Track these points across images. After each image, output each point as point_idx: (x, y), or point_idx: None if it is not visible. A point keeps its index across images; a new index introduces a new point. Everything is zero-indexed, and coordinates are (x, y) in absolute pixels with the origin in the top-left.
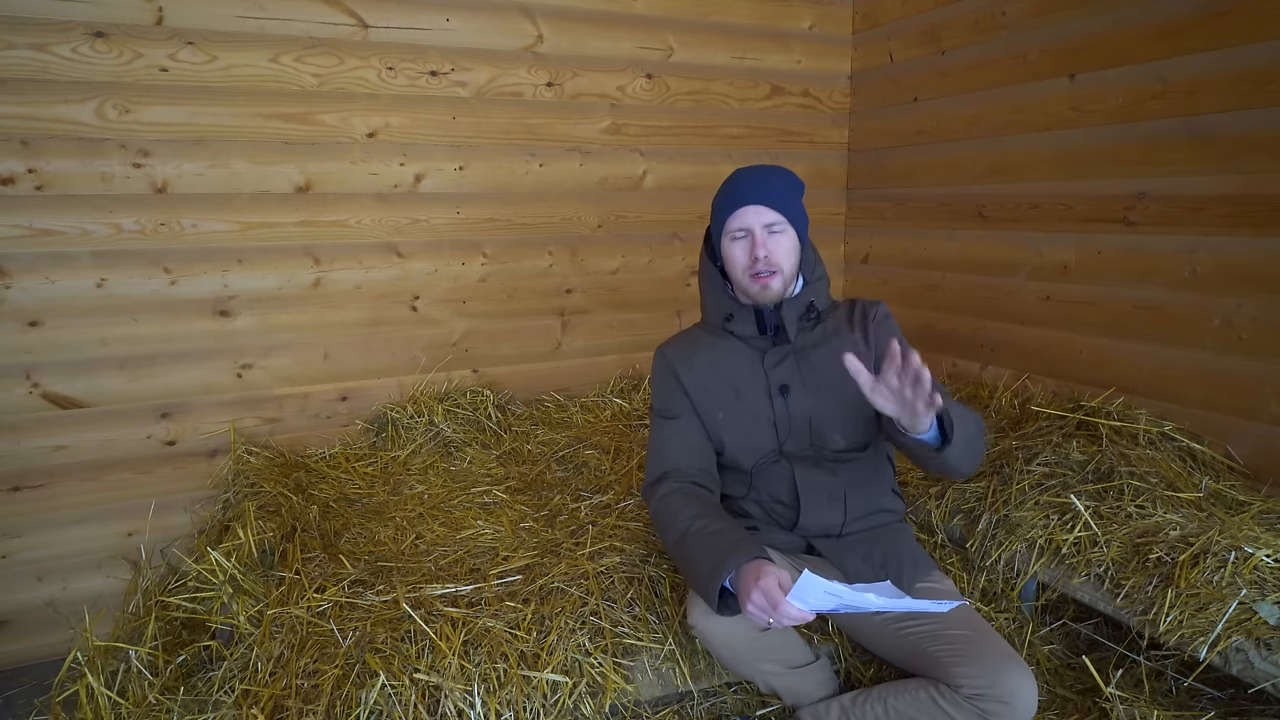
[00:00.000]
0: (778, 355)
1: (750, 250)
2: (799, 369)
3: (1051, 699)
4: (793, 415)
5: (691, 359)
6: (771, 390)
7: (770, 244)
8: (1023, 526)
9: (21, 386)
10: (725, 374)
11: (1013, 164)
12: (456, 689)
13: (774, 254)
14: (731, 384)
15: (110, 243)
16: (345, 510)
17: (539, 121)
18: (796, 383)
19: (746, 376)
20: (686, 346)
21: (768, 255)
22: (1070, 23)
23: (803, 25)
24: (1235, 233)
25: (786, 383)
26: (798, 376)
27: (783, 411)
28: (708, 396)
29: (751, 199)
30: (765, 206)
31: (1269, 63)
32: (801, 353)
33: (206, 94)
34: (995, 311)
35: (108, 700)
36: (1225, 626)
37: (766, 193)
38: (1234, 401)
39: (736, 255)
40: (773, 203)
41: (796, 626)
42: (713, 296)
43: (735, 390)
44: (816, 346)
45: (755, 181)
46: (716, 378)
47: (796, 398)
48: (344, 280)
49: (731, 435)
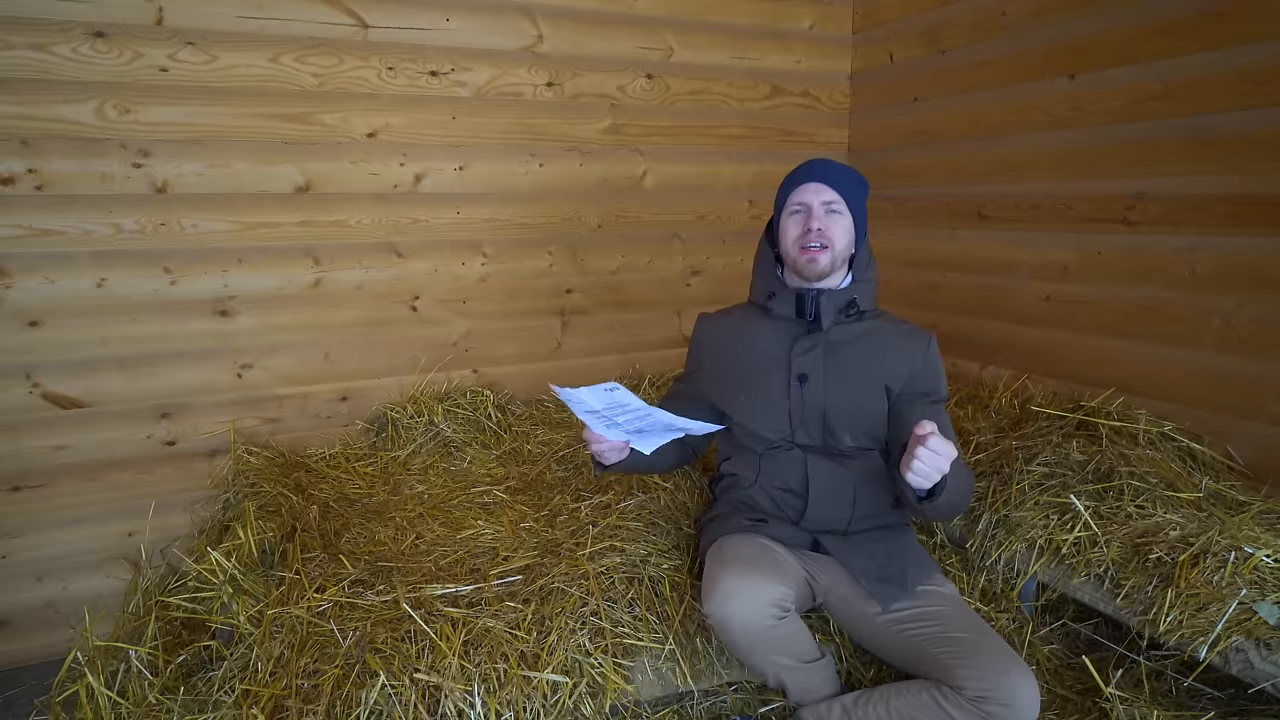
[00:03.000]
0: (808, 343)
1: (804, 223)
2: (824, 360)
3: (1051, 699)
4: (807, 405)
5: (724, 337)
6: (791, 377)
7: (825, 219)
8: (1023, 526)
9: (21, 386)
10: (752, 357)
11: (1013, 164)
12: (456, 689)
13: (827, 229)
14: (756, 367)
15: (110, 243)
16: (345, 510)
17: (539, 121)
18: (818, 373)
19: (772, 361)
20: (725, 325)
21: (821, 229)
22: (1070, 23)
23: (803, 25)
24: (1235, 233)
25: (806, 372)
26: (821, 367)
27: (798, 400)
28: (729, 376)
29: (815, 177)
30: (826, 185)
31: (1269, 63)
32: (832, 345)
33: (206, 94)
34: (995, 311)
35: (108, 700)
36: (1225, 626)
37: (830, 174)
38: (1234, 401)
39: (790, 228)
40: (833, 184)
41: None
42: (760, 275)
43: (758, 373)
44: (850, 342)
45: (823, 165)
46: (742, 360)
47: (814, 388)
48: (344, 280)
49: (749, 416)
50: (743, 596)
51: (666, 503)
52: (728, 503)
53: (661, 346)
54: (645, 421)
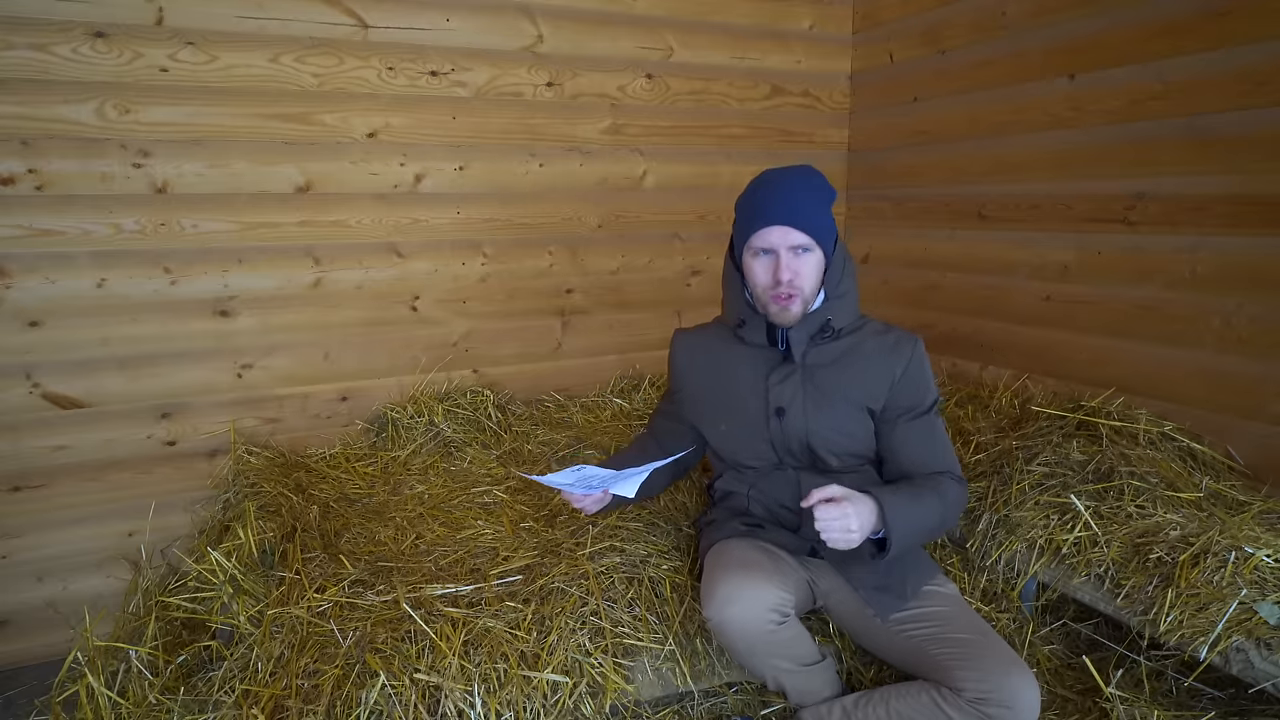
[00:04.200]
0: (783, 373)
1: (774, 271)
2: (802, 388)
3: (1052, 699)
4: (789, 436)
5: (702, 360)
6: (769, 410)
7: (795, 265)
8: (1023, 526)
9: (22, 386)
10: (729, 384)
11: (1013, 164)
12: (457, 689)
13: (798, 277)
14: (734, 395)
15: (110, 243)
16: (345, 510)
17: (539, 121)
18: (796, 404)
19: (749, 390)
20: (701, 346)
21: (792, 279)
22: (1070, 23)
23: (803, 25)
24: (1235, 233)
25: (784, 405)
26: (800, 396)
27: (778, 432)
28: (708, 405)
29: (779, 218)
30: (793, 228)
31: (1269, 63)
32: (810, 370)
33: (206, 94)
34: (995, 311)
35: (108, 700)
36: (1225, 626)
37: (794, 211)
38: (1234, 401)
39: (758, 273)
40: (800, 223)
41: (806, 625)
42: (731, 298)
43: (737, 402)
44: (829, 365)
45: (784, 197)
46: (720, 387)
47: (793, 419)
48: (344, 280)
49: (732, 446)
50: (742, 601)
51: (666, 503)
52: (725, 508)
53: (661, 347)
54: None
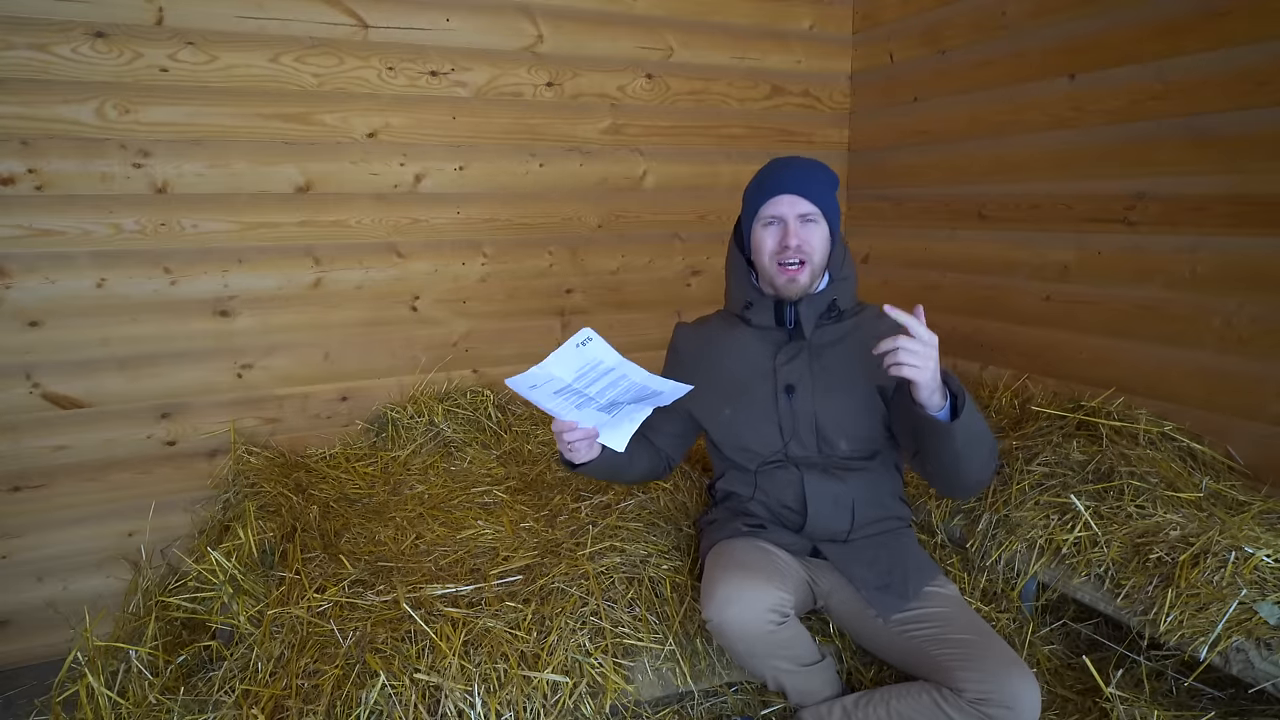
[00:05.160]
0: (790, 352)
1: (781, 238)
2: (810, 367)
3: (1052, 699)
4: (798, 415)
5: (704, 349)
6: (778, 389)
7: (803, 233)
8: (1023, 526)
9: (22, 386)
10: (734, 369)
11: (1013, 164)
12: (457, 689)
13: (806, 243)
14: (739, 379)
15: (110, 243)
16: (345, 510)
17: (539, 121)
18: (805, 382)
19: (755, 372)
20: (703, 336)
21: (800, 244)
22: (1070, 23)
23: (803, 25)
24: (1235, 233)
25: (793, 383)
26: (808, 375)
27: (787, 411)
28: (713, 390)
29: (787, 188)
30: (801, 196)
31: (1269, 63)
32: (817, 350)
33: (206, 94)
34: (995, 311)
35: (108, 700)
36: (1225, 626)
37: (803, 183)
38: (1234, 401)
39: (766, 241)
40: (808, 193)
41: (806, 625)
42: (735, 284)
43: (742, 386)
44: (833, 345)
45: (792, 171)
46: (724, 373)
47: (802, 398)
48: (344, 280)
49: (737, 433)
50: (741, 602)
51: (666, 503)
52: (727, 509)
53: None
54: (618, 389)
